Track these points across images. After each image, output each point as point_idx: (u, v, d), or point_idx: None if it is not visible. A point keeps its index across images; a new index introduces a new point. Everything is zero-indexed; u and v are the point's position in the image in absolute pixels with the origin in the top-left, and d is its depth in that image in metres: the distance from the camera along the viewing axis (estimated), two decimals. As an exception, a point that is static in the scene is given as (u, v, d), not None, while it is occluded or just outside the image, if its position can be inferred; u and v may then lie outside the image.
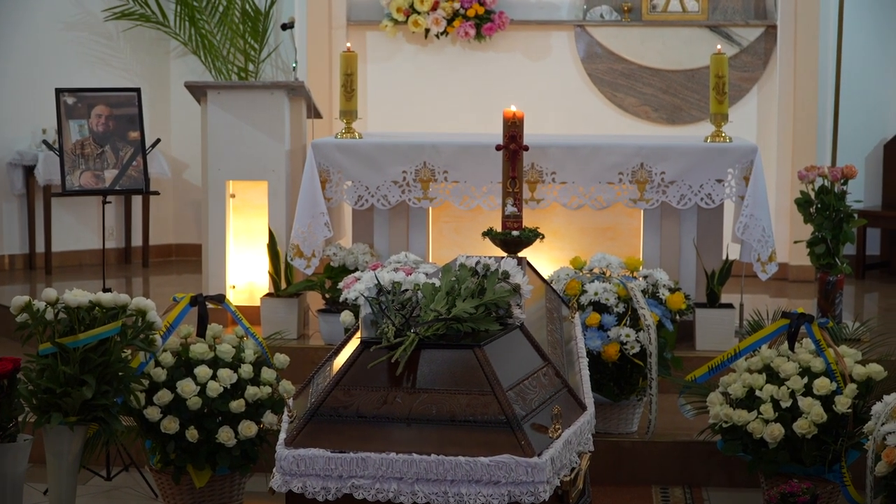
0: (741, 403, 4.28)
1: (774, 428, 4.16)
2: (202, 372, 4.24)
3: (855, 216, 5.71)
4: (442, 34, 7.81)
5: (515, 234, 5.05)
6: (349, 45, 6.17)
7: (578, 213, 5.75)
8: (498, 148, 5.10)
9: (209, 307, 4.53)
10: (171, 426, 4.19)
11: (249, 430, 4.23)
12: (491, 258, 3.48)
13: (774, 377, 4.26)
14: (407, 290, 3.33)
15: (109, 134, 6.16)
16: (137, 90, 6.32)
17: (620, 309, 4.76)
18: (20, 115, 7.87)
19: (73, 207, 8.10)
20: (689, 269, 5.73)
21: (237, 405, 4.22)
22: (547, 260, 5.60)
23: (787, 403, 4.17)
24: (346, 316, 5.02)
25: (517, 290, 3.35)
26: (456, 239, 5.89)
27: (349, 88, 5.84)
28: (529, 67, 7.92)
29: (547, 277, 4.67)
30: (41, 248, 7.96)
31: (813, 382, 4.18)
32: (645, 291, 4.87)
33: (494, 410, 2.99)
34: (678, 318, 4.96)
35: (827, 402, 4.15)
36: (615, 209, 5.74)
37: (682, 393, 4.61)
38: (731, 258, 5.62)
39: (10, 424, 4.09)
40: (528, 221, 5.21)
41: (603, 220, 5.80)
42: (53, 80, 7.23)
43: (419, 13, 7.75)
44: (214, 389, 4.21)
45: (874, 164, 7.97)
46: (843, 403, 4.12)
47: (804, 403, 4.15)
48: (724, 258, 5.66)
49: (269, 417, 4.29)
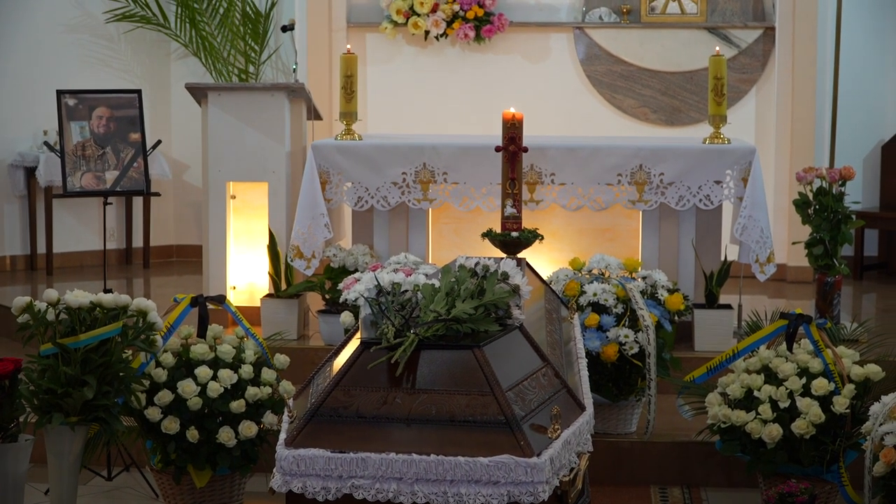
0: (739, 404, 4.27)
1: (773, 428, 4.15)
2: (203, 372, 4.23)
3: (853, 217, 5.68)
4: (441, 36, 7.79)
5: (515, 235, 5.07)
6: (349, 47, 6.16)
7: (577, 214, 5.74)
8: (497, 149, 5.13)
9: (210, 308, 4.52)
10: (171, 426, 4.18)
11: (250, 430, 4.22)
12: (490, 259, 3.47)
13: (773, 378, 4.26)
14: (406, 290, 3.33)
15: (110, 135, 6.16)
16: (138, 92, 6.32)
17: (619, 310, 4.76)
18: (21, 116, 7.86)
19: (74, 208, 8.08)
20: (687, 270, 5.71)
21: (237, 405, 4.21)
22: (546, 261, 5.59)
23: (785, 404, 4.16)
24: (345, 317, 5.02)
25: (516, 290, 3.35)
26: (455, 240, 5.87)
27: (349, 90, 5.83)
28: (529, 69, 7.90)
29: (546, 278, 4.66)
30: (42, 249, 7.95)
31: (811, 383, 4.17)
32: (644, 292, 4.86)
33: (494, 411, 2.99)
34: (677, 318, 4.96)
35: (825, 402, 4.14)
36: (614, 210, 5.73)
37: (680, 393, 4.60)
38: (729, 259, 5.61)
39: (11, 425, 4.10)
40: (527, 222, 5.22)
41: (602, 221, 5.79)
42: (54, 81, 7.22)
43: (419, 15, 7.73)
44: (215, 390, 4.20)
45: (872, 165, 7.95)
46: (841, 404, 4.11)
47: (802, 404, 4.14)
48: (722, 259, 5.65)
49: (269, 418, 4.28)
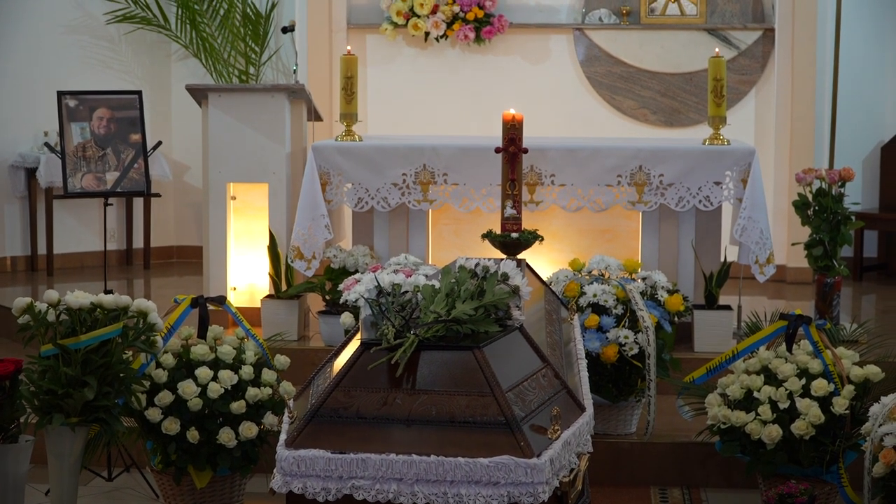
0: (739, 405, 4.27)
1: (772, 429, 4.15)
2: (203, 373, 4.23)
3: (852, 218, 5.68)
4: (441, 37, 7.79)
5: (515, 236, 5.07)
6: (349, 48, 6.18)
7: (577, 215, 5.74)
8: (497, 150, 5.13)
9: (210, 309, 4.52)
10: (172, 427, 4.18)
11: (250, 431, 4.22)
12: (490, 260, 3.48)
13: (772, 378, 4.26)
14: (407, 291, 3.34)
15: (111, 136, 6.17)
16: (139, 93, 6.33)
17: (619, 311, 4.76)
18: (22, 117, 7.86)
19: (74, 209, 8.08)
20: (687, 270, 5.72)
21: (238, 406, 4.21)
22: (546, 262, 5.59)
23: (784, 405, 4.16)
24: (346, 317, 5.03)
25: (516, 291, 3.36)
26: (455, 241, 5.87)
27: (349, 91, 5.83)
28: (528, 70, 7.90)
29: (546, 279, 4.67)
30: (43, 249, 7.95)
31: (811, 384, 4.17)
32: (643, 293, 4.87)
33: (494, 411, 2.99)
34: (676, 319, 4.96)
35: (824, 403, 4.15)
36: (614, 211, 5.73)
37: (680, 394, 4.61)
38: (729, 260, 5.61)
39: (11, 425, 4.10)
40: (527, 223, 5.23)
41: (602, 222, 5.79)
42: (55, 82, 7.23)
43: (419, 17, 7.73)
44: (215, 391, 4.20)
45: (871, 166, 7.95)
46: (840, 405, 4.11)
47: (802, 405, 4.14)
48: (722, 260, 5.65)
49: (269, 418, 4.28)
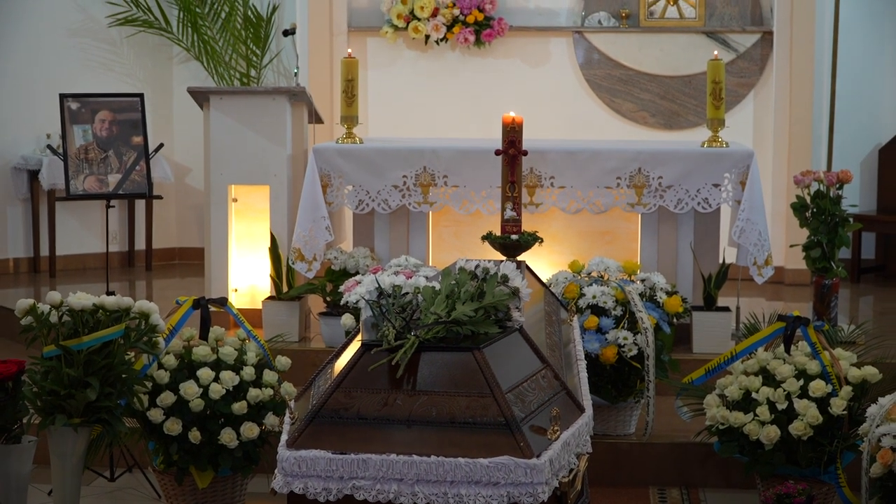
0: (738, 405, 4.28)
1: (770, 430, 4.16)
2: (205, 374, 4.23)
3: (850, 220, 5.68)
4: (442, 40, 7.80)
5: (514, 237, 5.08)
6: (350, 51, 6.17)
7: (577, 217, 5.75)
8: (497, 153, 5.15)
9: (212, 310, 4.51)
10: (174, 428, 4.19)
11: (251, 431, 4.22)
12: (490, 262, 3.48)
13: (770, 379, 4.26)
14: (407, 293, 3.35)
15: (113, 139, 6.18)
16: (140, 95, 6.33)
17: (618, 312, 4.76)
18: (25, 120, 7.87)
19: (76, 211, 8.09)
20: (686, 272, 5.72)
21: (239, 407, 4.21)
22: (546, 263, 5.59)
23: (783, 405, 4.17)
24: (346, 319, 5.04)
25: (516, 293, 3.37)
26: (456, 243, 5.88)
27: (350, 94, 5.84)
28: (528, 73, 7.91)
29: (546, 281, 4.68)
30: (45, 251, 7.96)
31: (809, 385, 4.18)
32: (642, 295, 4.87)
33: (494, 412, 3.01)
34: (675, 321, 4.97)
35: (822, 404, 4.15)
36: (613, 213, 5.73)
37: (679, 395, 4.61)
38: (727, 262, 5.62)
39: (14, 426, 4.10)
40: (526, 225, 5.24)
41: (601, 224, 5.80)
42: (57, 85, 7.25)
43: (419, 20, 7.74)
44: (217, 391, 4.20)
45: (869, 168, 7.95)
46: (838, 406, 4.12)
47: (800, 405, 4.15)
48: (720, 262, 5.66)
49: (270, 419, 4.28)
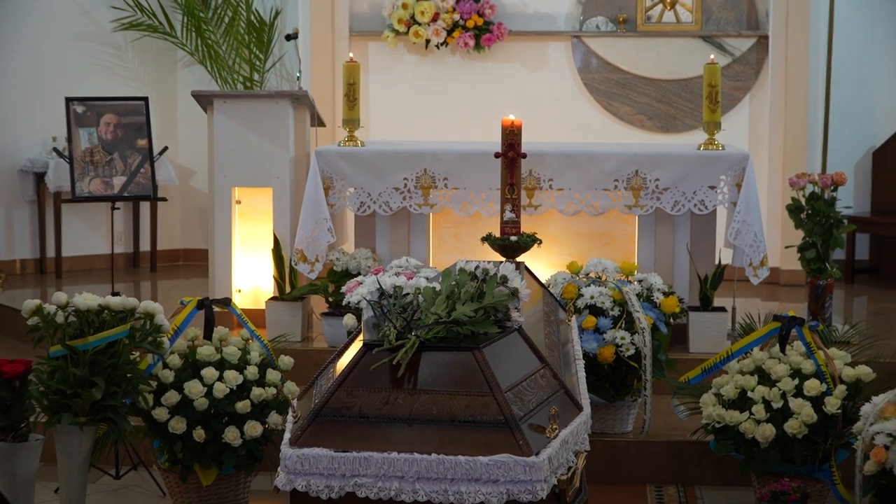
0: (733, 404, 4.29)
1: (766, 428, 4.17)
2: (209, 373, 4.25)
3: (844, 222, 5.67)
4: (442, 45, 7.81)
5: (514, 239, 5.10)
6: (352, 55, 6.16)
7: (575, 218, 5.76)
8: (497, 155, 5.17)
9: (216, 310, 4.54)
10: (178, 426, 4.21)
11: (255, 430, 4.24)
12: (490, 263, 3.50)
13: (766, 379, 4.28)
14: (408, 293, 3.37)
15: (118, 142, 6.22)
16: (145, 99, 6.36)
17: (616, 312, 4.77)
18: (31, 123, 7.89)
19: (82, 213, 8.11)
20: (682, 273, 5.73)
21: (243, 406, 4.24)
22: (544, 264, 5.61)
23: (778, 404, 4.19)
24: (348, 319, 5.07)
25: (515, 293, 3.39)
26: (456, 244, 5.89)
27: (352, 97, 5.84)
28: (527, 77, 7.91)
29: (544, 281, 4.68)
30: (52, 252, 7.97)
31: (803, 384, 4.19)
32: (640, 295, 4.88)
33: (493, 411, 3.03)
34: (672, 321, 4.97)
35: (817, 403, 4.17)
36: (611, 215, 5.75)
37: (675, 394, 4.62)
38: (723, 263, 5.62)
39: (22, 424, 4.12)
40: (525, 227, 5.25)
41: (599, 225, 5.81)
42: (63, 89, 7.26)
43: (420, 24, 7.74)
44: (221, 390, 4.22)
45: (863, 170, 7.96)
46: (832, 404, 4.14)
47: (795, 404, 4.17)
48: (716, 263, 5.66)
49: (273, 418, 4.30)
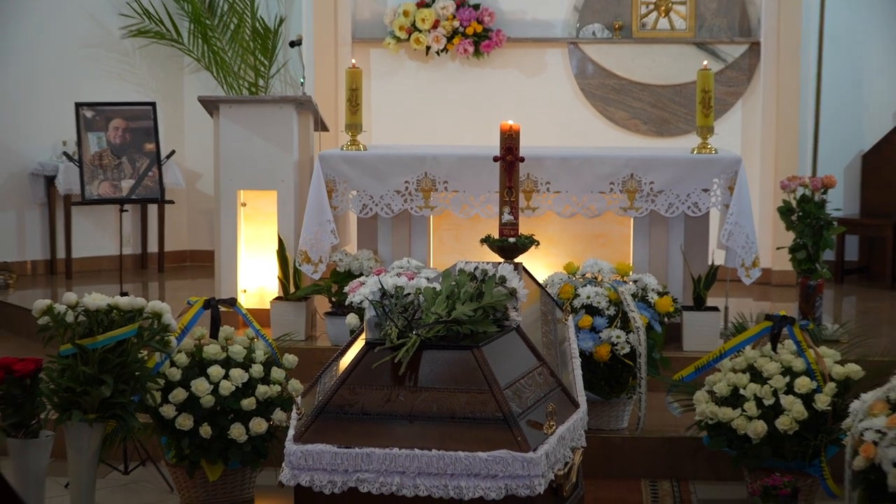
0: (726, 401, 4.35)
1: (757, 424, 4.23)
2: (215, 372, 4.31)
3: (834, 224, 5.70)
4: (442, 51, 7.85)
5: (512, 240, 5.07)
6: (354, 61, 6.19)
7: (571, 220, 5.80)
8: (495, 159, 5.14)
9: (222, 310, 4.58)
10: (185, 423, 4.26)
11: (260, 426, 4.30)
12: (489, 264, 3.54)
13: (758, 376, 4.34)
14: (409, 293, 3.42)
15: (126, 146, 6.27)
16: (153, 104, 6.38)
17: (611, 312, 4.81)
18: (42, 127, 7.92)
19: (91, 215, 8.14)
20: (676, 274, 5.76)
21: (248, 403, 4.29)
22: (542, 265, 5.64)
23: (769, 401, 4.25)
24: (351, 318, 5.13)
25: (513, 293, 3.44)
26: (456, 245, 5.92)
27: (354, 103, 5.87)
28: (525, 83, 7.95)
29: (542, 282, 4.72)
30: (62, 254, 8.00)
31: (794, 381, 4.26)
32: (635, 295, 4.92)
33: (492, 408, 3.07)
34: (666, 320, 5.01)
35: (807, 400, 4.23)
36: (606, 217, 5.78)
37: (669, 391, 4.67)
38: (716, 264, 5.66)
39: (32, 421, 4.17)
40: (523, 229, 5.19)
41: (595, 227, 5.85)
42: (73, 94, 7.28)
43: (420, 31, 7.79)
44: (227, 388, 4.28)
45: (853, 174, 8.00)
46: (822, 401, 4.21)
47: (786, 401, 4.23)
48: (709, 264, 5.72)
49: (278, 415, 4.35)
